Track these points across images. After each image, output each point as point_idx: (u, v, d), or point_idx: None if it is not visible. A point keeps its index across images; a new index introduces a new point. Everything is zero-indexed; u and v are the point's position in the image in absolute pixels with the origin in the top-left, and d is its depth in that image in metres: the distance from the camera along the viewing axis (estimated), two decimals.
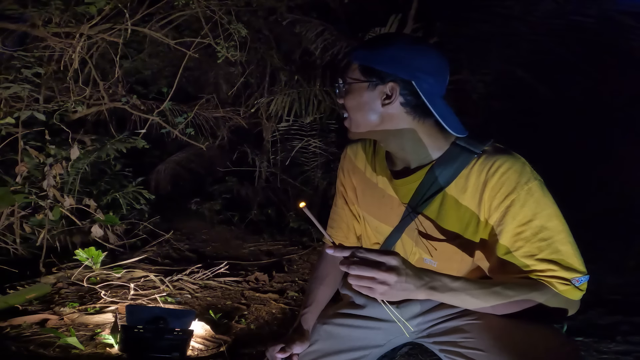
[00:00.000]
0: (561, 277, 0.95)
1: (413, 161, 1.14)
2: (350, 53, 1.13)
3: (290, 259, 3.44)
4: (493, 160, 1.03)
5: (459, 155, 1.08)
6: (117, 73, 3.08)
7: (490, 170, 1.02)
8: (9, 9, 2.76)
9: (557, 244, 0.96)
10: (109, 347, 1.99)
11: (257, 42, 4.15)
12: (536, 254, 0.96)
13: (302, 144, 4.46)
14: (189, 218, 4.36)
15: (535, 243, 0.96)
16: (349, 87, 1.09)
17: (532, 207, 0.97)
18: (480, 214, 1.04)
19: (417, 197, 1.12)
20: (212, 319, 2.32)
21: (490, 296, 0.95)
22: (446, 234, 1.10)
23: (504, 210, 0.99)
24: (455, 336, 1.05)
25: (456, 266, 1.12)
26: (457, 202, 1.07)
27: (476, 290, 0.95)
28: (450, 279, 0.95)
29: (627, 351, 1.98)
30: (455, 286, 0.94)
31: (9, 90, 2.65)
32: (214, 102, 4.32)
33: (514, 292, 0.95)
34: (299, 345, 1.17)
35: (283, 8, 3.86)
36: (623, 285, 2.77)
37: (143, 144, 3.50)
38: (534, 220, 0.97)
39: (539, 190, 0.99)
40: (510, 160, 1.02)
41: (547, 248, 0.96)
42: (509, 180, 0.99)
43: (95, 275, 2.76)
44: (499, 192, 1.00)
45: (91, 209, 3.08)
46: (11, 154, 2.92)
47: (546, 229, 0.96)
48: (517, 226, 0.98)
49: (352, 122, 1.13)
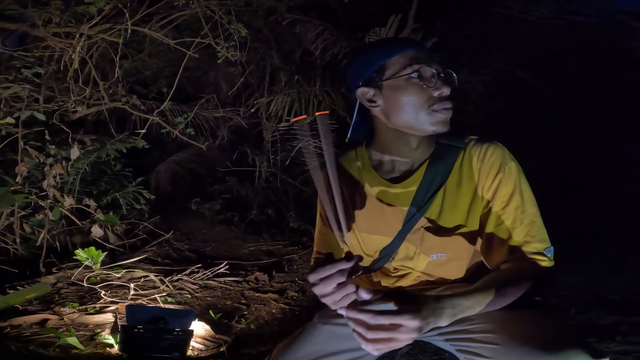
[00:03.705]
0: (536, 250, 1.04)
1: (407, 165, 1.19)
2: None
3: (290, 259, 3.44)
4: (479, 148, 1.13)
5: (447, 151, 1.16)
6: (117, 73, 3.08)
7: (479, 157, 1.12)
8: (9, 9, 2.76)
9: (532, 217, 1.07)
10: (109, 347, 1.99)
11: (257, 42, 4.16)
12: (517, 227, 1.06)
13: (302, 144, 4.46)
14: (189, 218, 4.37)
15: (518, 215, 1.07)
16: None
17: (512, 184, 1.09)
18: (478, 199, 1.12)
19: (419, 197, 1.14)
20: (212, 319, 2.32)
21: (500, 300, 0.98)
22: (452, 227, 1.13)
23: (495, 190, 1.10)
24: (463, 325, 1.04)
25: (465, 255, 1.15)
26: (456, 194, 1.13)
27: (487, 298, 0.97)
28: (464, 297, 0.94)
29: (627, 351, 1.98)
30: (471, 303, 0.95)
31: (9, 90, 2.65)
32: (214, 102, 4.33)
33: (514, 288, 1.00)
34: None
35: (283, 8, 3.86)
36: (623, 285, 2.77)
37: (143, 144, 3.50)
38: (514, 195, 1.08)
39: (516, 170, 1.10)
40: (492, 145, 1.13)
41: (525, 219, 1.07)
42: (495, 162, 1.10)
43: (95, 275, 2.76)
44: (489, 175, 1.10)
45: (91, 209, 3.08)
46: (11, 154, 2.92)
47: (524, 202, 1.08)
48: (502, 201, 1.09)
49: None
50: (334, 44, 3.92)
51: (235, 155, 4.75)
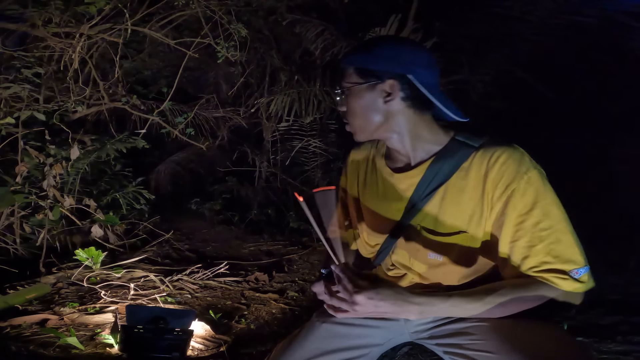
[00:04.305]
0: (559, 269, 0.94)
1: (414, 157, 1.15)
2: (342, 60, 1.15)
3: (290, 259, 3.44)
4: (492, 151, 1.04)
5: (458, 149, 1.10)
6: (117, 73, 3.08)
7: (490, 161, 1.03)
8: (9, 9, 2.76)
9: (558, 233, 0.96)
10: (109, 347, 1.99)
11: (257, 42, 4.15)
12: (536, 244, 0.96)
13: (302, 144, 4.46)
14: (189, 218, 4.37)
15: (536, 232, 0.96)
16: (349, 92, 1.11)
17: (532, 196, 0.98)
18: (483, 206, 1.05)
19: (418, 192, 1.13)
20: (212, 319, 2.32)
21: (485, 307, 0.96)
22: (449, 227, 1.10)
23: (506, 200, 1.00)
24: (460, 338, 1.04)
25: (461, 260, 1.11)
26: (459, 196, 1.08)
27: (469, 304, 0.96)
28: (441, 299, 0.96)
29: (627, 351, 1.98)
30: (447, 306, 0.95)
31: (9, 90, 2.65)
32: (214, 102, 4.33)
33: (507, 299, 0.95)
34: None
35: (283, 8, 3.86)
36: (623, 285, 2.77)
37: (143, 144, 3.50)
38: (534, 209, 0.97)
39: (539, 180, 0.99)
40: (509, 150, 1.02)
41: (547, 238, 0.95)
42: (508, 170, 1.00)
43: (95, 275, 2.76)
44: (499, 183, 1.01)
45: (91, 209, 3.08)
46: (11, 154, 2.92)
47: (546, 217, 0.96)
48: (517, 216, 0.98)
49: (356, 126, 1.14)
50: (334, 44, 3.92)
51: (235, 155, 4.75)
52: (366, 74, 1.09)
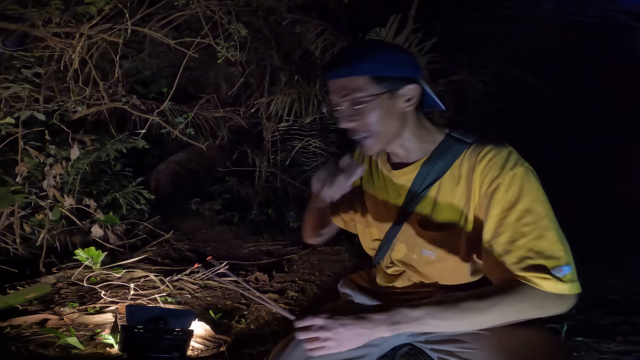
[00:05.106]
0: (540, 265, 0.91)
1: (412, 157, 1.16)
2: (343, 73, 1.05)
3: (290, 259, 3.44)
4: (481, 148, 1.05)
5: (452, 145, 1.11)
6: (117, 73, 3.08)
7: (478, 157, 1.04)
8: (9, 9, 2.76)
9: (541, 230, 0.93)
10: (109, 347, 1.99)
11: (257, 42, 4.16)
12: (517, 239, 0.94)
13: (302, 144, 4.46)
14: (189, 218, 4.37)
15: (519, 228, 0.94)
16: (368, 103, 1.05)
17: (516, 192, 0.96)
18: (471, 201, 1.05)
19: (414, 188, 1.14)
20: (212, 319, 2.32)
21: (462, 314, 0.91)
22: (443, 223, 1.11)
23: (490, 195, 1.00)
24: (453, 345, 1.05)
25: (455, 258, 1.11)
26: (452, 191, 1.09)
27: (444, 311, 0.91)
28: (411, 308, 0.92)
29: (627, 351, 1.98)
30: (418, 314, 0.91)
31: (9, 90, 2.65)
32: (214, 102, 4.33)
33: (486, 303, 0.91)
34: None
35: (283, 8, 3.86)
36: (623, 285, 2.77)
37: (143, 144, 3.50)
38: (517, 204, 0.96)
39: (524, 176, 0.98)
40: (497, 147, 1.03)
41: (530, 233, 0.93)
42: (495, 165, 1.00)
43: (95, 275, 2.76)
44: (485, 178, 1.01)
45: (91, 209, 3.08)
46: (11, 154, 2.92)
47: (530, 213, 0.95)
48: (501, 211, 0.97)
49: (375, 137, 1.09)
50: (334, 44, 3.91)
51: (235, 155, 4.75)
52: (382, 82, 1.05)
